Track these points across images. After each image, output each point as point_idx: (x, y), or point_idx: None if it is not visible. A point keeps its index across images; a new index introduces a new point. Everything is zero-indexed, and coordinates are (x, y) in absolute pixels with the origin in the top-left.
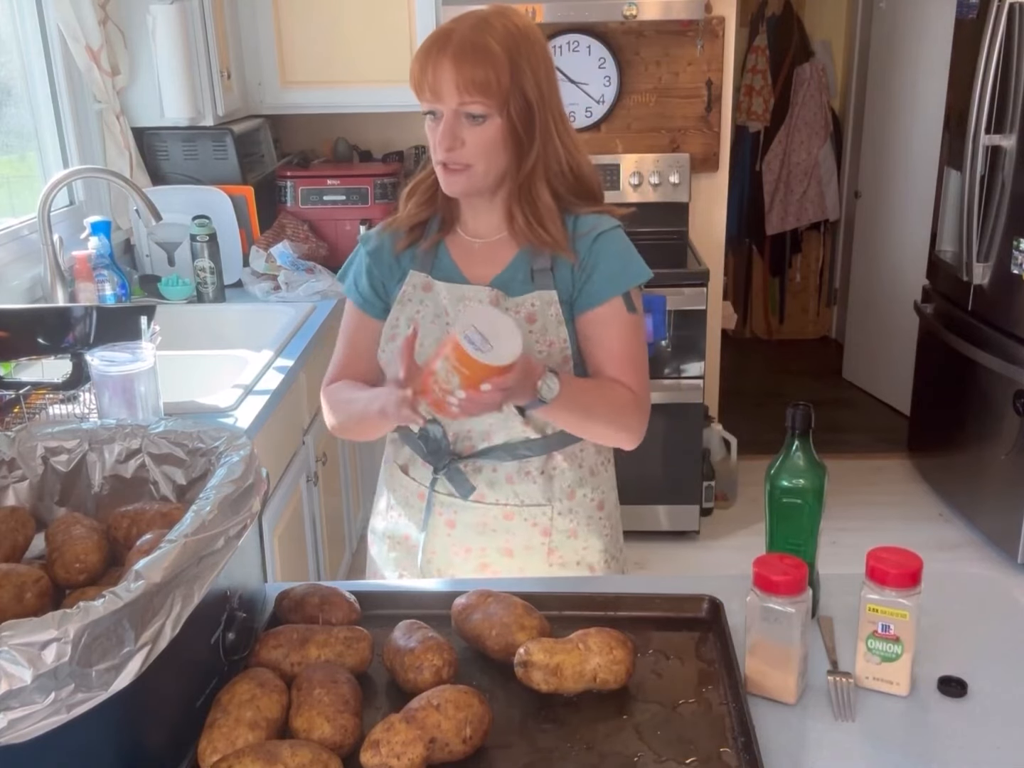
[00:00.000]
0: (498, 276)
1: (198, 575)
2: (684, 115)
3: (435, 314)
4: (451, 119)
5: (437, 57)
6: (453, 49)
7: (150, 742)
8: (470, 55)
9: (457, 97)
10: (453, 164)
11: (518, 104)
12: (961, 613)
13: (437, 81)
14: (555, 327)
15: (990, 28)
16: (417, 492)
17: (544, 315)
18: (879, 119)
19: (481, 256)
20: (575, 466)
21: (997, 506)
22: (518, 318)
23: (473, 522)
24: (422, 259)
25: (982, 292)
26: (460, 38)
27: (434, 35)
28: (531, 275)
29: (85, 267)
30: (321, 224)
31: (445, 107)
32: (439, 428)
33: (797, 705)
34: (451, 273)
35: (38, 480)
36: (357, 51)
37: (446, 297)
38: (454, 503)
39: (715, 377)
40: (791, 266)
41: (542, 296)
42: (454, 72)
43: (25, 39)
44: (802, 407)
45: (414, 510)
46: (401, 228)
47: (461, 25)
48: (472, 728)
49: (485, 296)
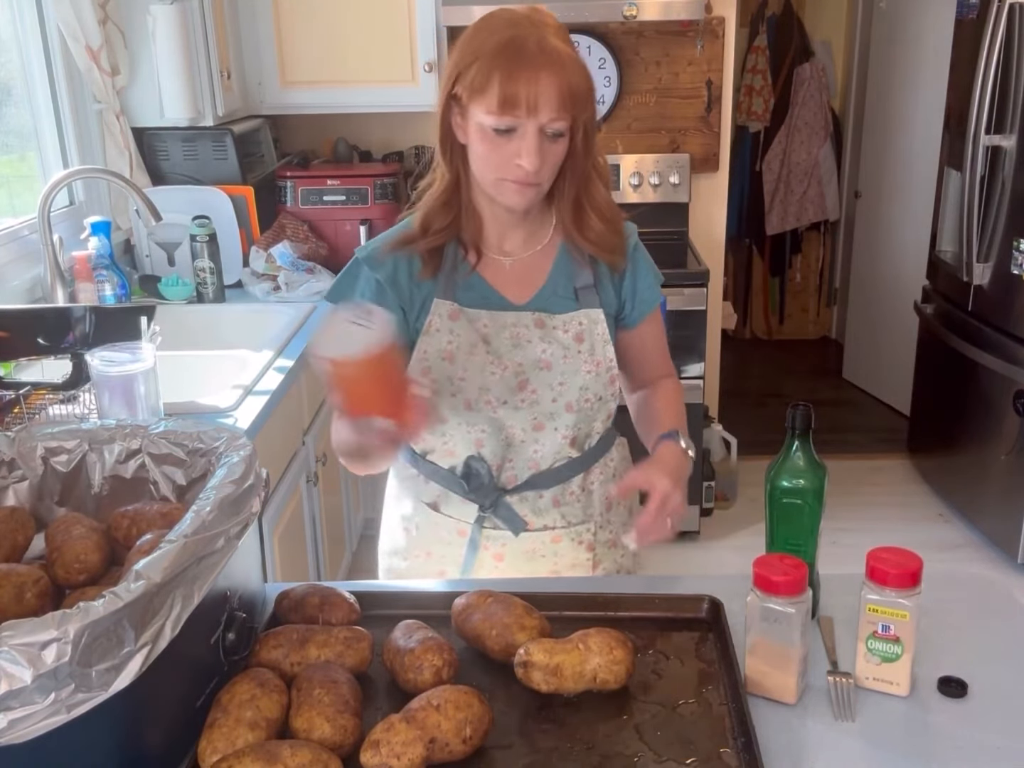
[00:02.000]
0: (538, 295)
1: (198, 575)
2: (684, 115)
3: (471, 344)
4: (537, 134)
5: (537, 67)
6: (548, 59)
7: (150, 742)
8: (569, 66)
9: (554, 113)
10: (531, 183)
11: (591, 115)
12: (961, 613)
13: (536, 94)
14: (602, 347)
15: (990, 28)
16: (457, 529)
17: (591, 334)
18: (879, 119)
19: (515, 275)
20: (608, 476)
21: (997, 506)
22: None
23: (522, 551)
24: (444, 286)
25: (982, 292)
26: (551, 47)
27: (507, 42)
28: (574, 293)
29: (85, 267)
30: (321, 224)
31: (532, 123)
32: (483, 464)
33: (797, 705)
34: (488, 296)
35: (38, 480)
36: (357, 51)
37: (488, 325)
38: (502, 536)
39: (715, 377)
40: (791, 266)
41: (588, 315)
42: (558, 85)
43: (25, 39)
44: (802, 407)
45: (452, 547)
46: (418, 252)
47: (535, 31)
48: (472, 728)
49: (530, 321)
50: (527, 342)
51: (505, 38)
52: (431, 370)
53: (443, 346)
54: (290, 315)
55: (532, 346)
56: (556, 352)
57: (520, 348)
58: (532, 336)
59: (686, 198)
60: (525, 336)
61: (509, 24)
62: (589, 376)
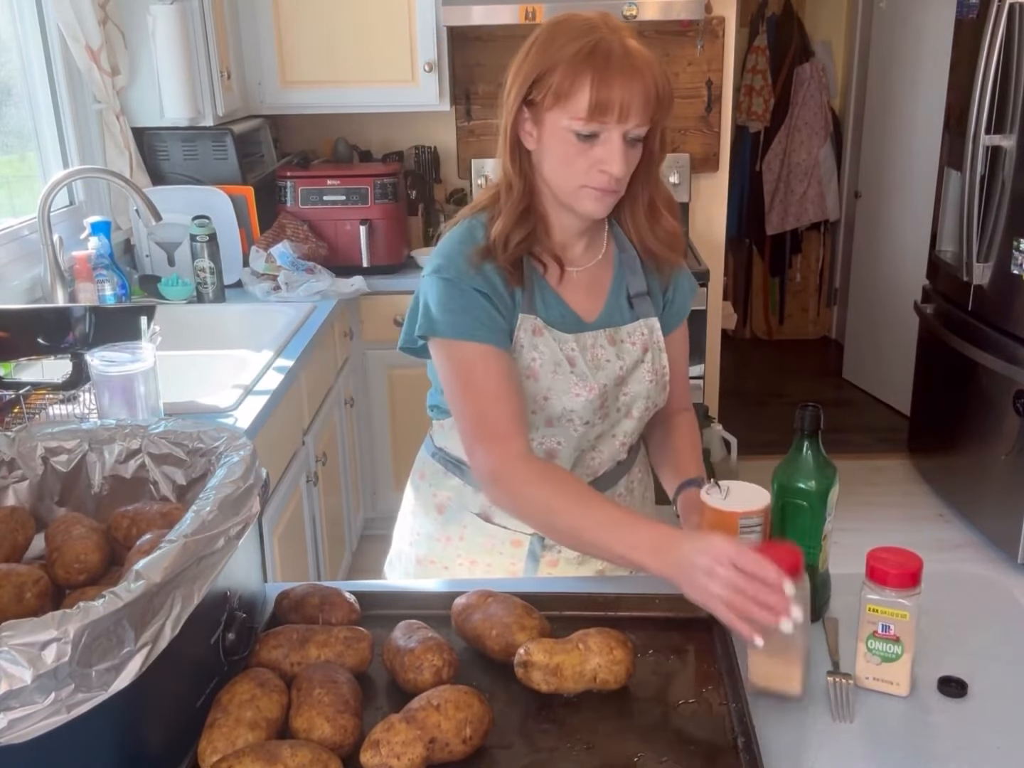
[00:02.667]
0: (606, 309)
1: (198, 575)
2: (684, 115)
3: (555, 362)
4: (622, 140)
5: (628, 72)
6: (635, 64)
7: (150, 742)
8: (654, 69)
9: (640, 117)
10: (615, 188)
11: (667, 121)
12: (961, 613)
13: (629, 99)
14: (659, 355)
15: (990, 28)
16: (511, 540)
17: (652, 343)
18: (879, 119)
19: (582, 286)
20: (644, 473)
21: (997, 506)
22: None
23: (574, 556)
24: (527, 300)
25: (982, 292)
26: (634, 50)
27: (604, 49)
28: (629, 302)
29: (85, 267)
30: (321, 224)
31: (617, 128)
32: None
33: (797, 705)
34: (562, 311)
35: (38, 480)
36: (357, 51)
37: (574, 348)
38: (557, 543)
39: (715, 377)
40: (791, 266)
41: (648, 323)
42: (648, 90)
43: (25, 39)
44: (811, 408)
45: (502, 557)
46: (501, 265)
47: (616, 34)
48: (472, 728)
49: (605, 340)
50: (606, 361)
51: (590, 43)
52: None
53: (527, 363)
54: (290, 315)
55: (611, 365)
56: (628, 365)
57: (601, 369)
58: (610, 355)
59: (686, 198)
60: (604, 356)
61: (589, 29)
62: (651, 385)
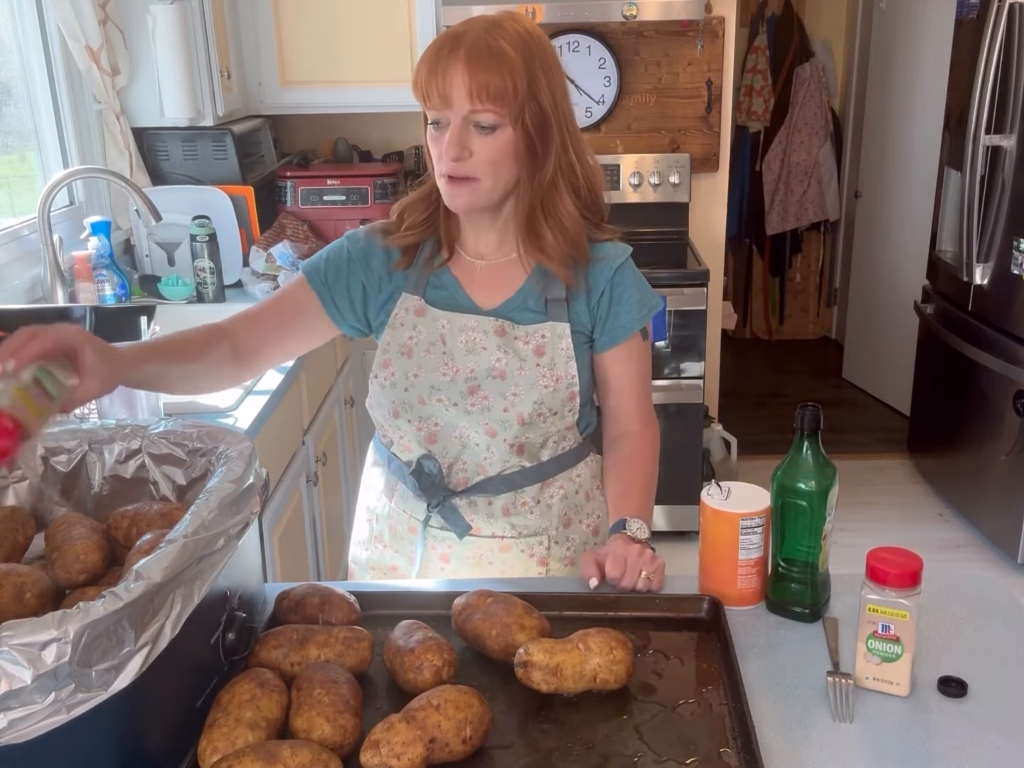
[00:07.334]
0: (507, 302)
1: (198, 575)
2: (684, 115)
3: (430, 342)
4: (459, 127)
5: (448, 61)
6: (466, 53)
7: (150, 742)
8: (485, 59)
9: (468, 104)
10: (459, 175)
11: (533, 114)
12: (961, 613)
13: (448, 86)
14: (564, 362)
15: (990, 28)
16: (408, 526)
17: (554, 348)
18: (879, 119)
19: (485, 278)
20: (571, 492)
21: (997, 506)
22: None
23: (468, 555)
24: (415, 281)
25: (982, 292)
26: (473, 41)
27: (443, 37)
28: (544, 304)
29: (85, 267)
30: (321, 224)
31: (453, 114)
32: (434, 463)
33: (797, 705)
34: (455, 295)
35: (38, 480)
36: (357, 51)
37: (445, 326)
38: (448, 537)
39: (715, 377)
40: (791, 266)
41: (554, 328)
42: (467, 77)
43: (25, 39)
44: (811, 407)
45: (404, 542)
46: (394, 245)
47: (472, 28)
48: (472, 728)
49: (490, 327)
50: (482, 348)
51: (442, 36)
52: (391, 363)
53: (404, 340)
54: None
55: (487, 353)
56: (512, 362)
57: (474, 354)
58: (489, 343)
59: (686, 198)
60: (481, 342)
61: (462, 24)
62: (546, 391)
